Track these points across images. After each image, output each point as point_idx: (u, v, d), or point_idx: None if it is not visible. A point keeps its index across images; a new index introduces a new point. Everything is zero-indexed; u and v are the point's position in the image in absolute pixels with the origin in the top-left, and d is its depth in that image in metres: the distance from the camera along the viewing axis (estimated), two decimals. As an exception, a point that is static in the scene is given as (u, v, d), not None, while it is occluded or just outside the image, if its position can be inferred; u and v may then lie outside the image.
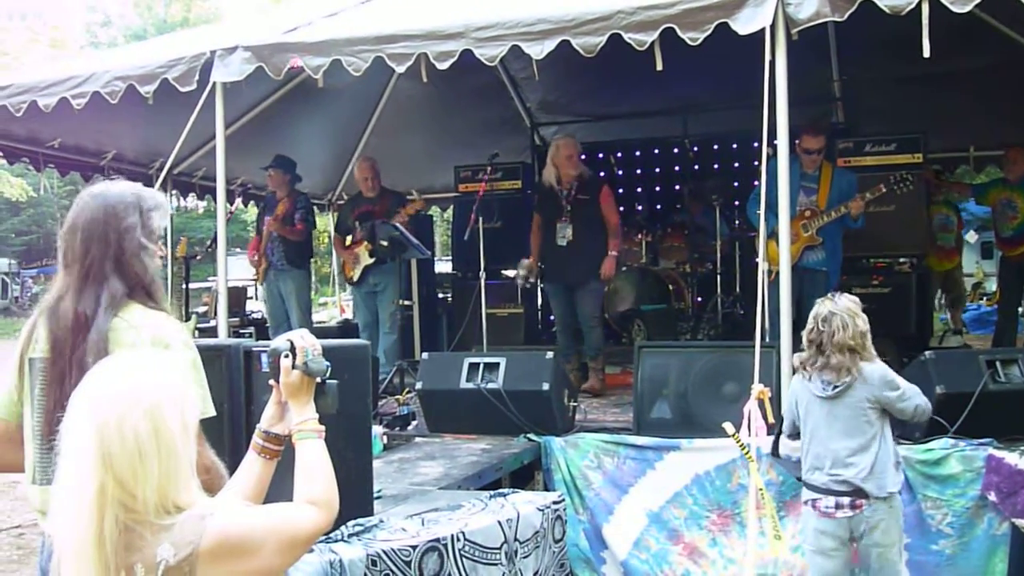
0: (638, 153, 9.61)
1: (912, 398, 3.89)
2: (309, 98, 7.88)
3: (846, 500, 3.79)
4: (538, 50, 5.03)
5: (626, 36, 4.84)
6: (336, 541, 3.15)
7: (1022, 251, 7.83)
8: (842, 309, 3.80)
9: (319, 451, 2.04)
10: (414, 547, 3.22)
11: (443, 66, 5.21)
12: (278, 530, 1.79)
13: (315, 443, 2.05)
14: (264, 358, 2.19)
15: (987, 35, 6.89)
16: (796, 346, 4.78)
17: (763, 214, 4.95)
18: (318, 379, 2.13)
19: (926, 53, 4.25)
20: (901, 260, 7.82)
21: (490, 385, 5.26)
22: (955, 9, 4.36)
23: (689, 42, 4.70)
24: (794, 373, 4.06)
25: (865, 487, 3.75)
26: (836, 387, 3.81)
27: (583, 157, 7.21)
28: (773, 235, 5.19)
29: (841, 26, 4.90)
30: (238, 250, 8.72)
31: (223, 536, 1.68)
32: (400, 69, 5.36)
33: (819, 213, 6.19)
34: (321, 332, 8.25)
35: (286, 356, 2.10)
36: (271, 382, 2.16)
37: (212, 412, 2.31)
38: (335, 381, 2.18)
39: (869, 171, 7.11)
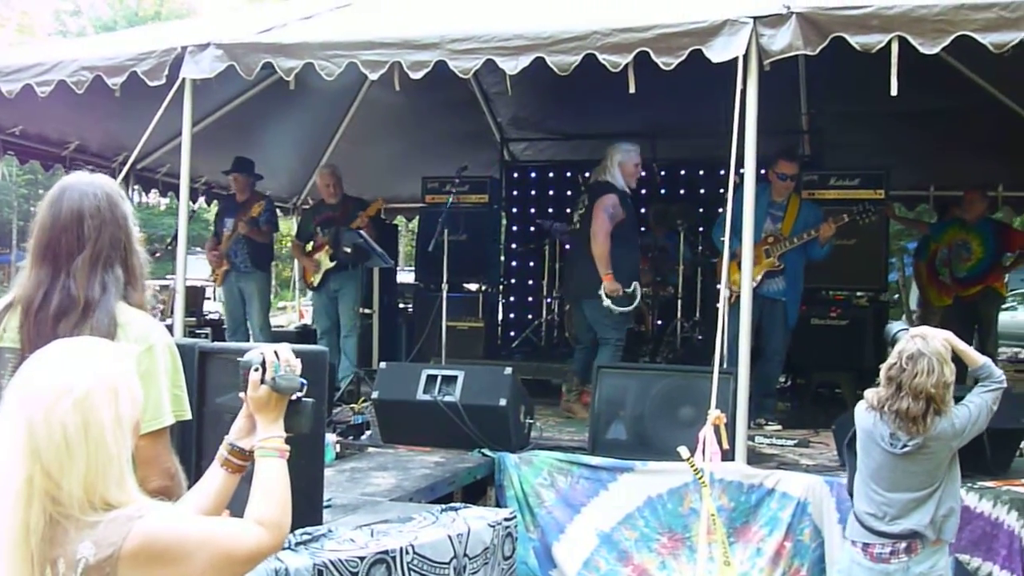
0: None
1: (980, 406, 3.64)
2: (279, 100, 7.78)
3: (902, 545, 3.61)
4: (512, 65, 5.04)
5: (601, 57, 4.86)
6: (283, 549, 3.09)
7: (975, 291, 7.97)
8: (932, 352, 3.47)
9: (278, 471, 1.96)
10: (362, 558, 3.18)
11: (417, 76, 5.20)
12: (214, 544, 1.70)
13: (275, 462, 1.97)
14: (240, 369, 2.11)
15: (952, 78, 7.01)
16: (753, 372, 4.92)
17: (727, 239, 4.97)
18: (291, 396, 2.06)
19: (894, 92, 4.32)
20: (859, 294, 7.90)
21: (447, 398, 5.23)
22: (924, 51, 4.46)
23: (663, 67, 4.73)
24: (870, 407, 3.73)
25: (926, 533, 3.59)
26: (905, 447, 3.57)
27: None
28: (735, 259, 5.16)
29: (811, 60, 4.93)
30: (198, 249, 8.63)
31: (149, 540, 1.60)
32: (373, 76, 5.35)
33: (782, 240, 6.24)
34: (279, 336, 8.36)
35: (255, 370, 2.03)
36: (241, 395, 2.09)
37: (188, 415, 2.25)
38: (311, 400, 2.11)
39: (832, 204, 7.14)
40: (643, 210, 8.99)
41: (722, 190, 7.83)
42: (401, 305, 9.66)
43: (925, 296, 8.68)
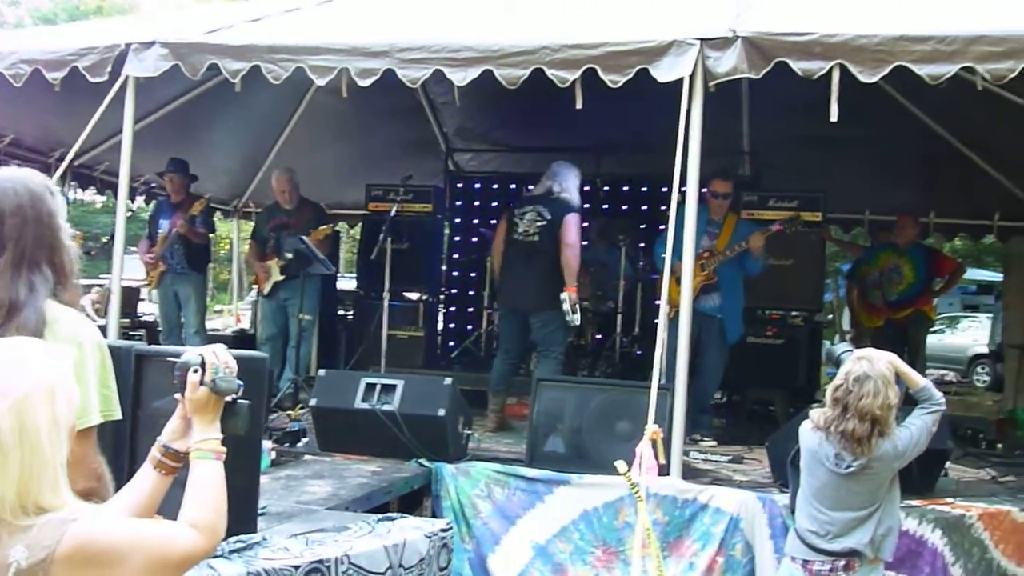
0: None
1: (920, 428, 3.72)
2: (222, 101, 7.67)
3: (841, 563, 3.68)
4: (461, 76, 5.05)
5: (549, 72, 4.90)
6: (216, 557, 3.04)
7: (906, 314, 8.17)
8: (878, 374, 3.53)
9: (214, 473, 1.94)
10: (296, 567, 3.14)
11: (365, 83, 5.19)
12: (148, 547, 1.68)
13: (211, 464, 1.96)
14: (176, 370, 2.09)
15: (889, 106, 7.17)
16: (690, 388, 4.97)
17: (669, 256, 5.04)
18: (228, 398, 2.05)
19: (833, 118, 4.41)
20: (794, 314, 7.99)
21: (386, 407, 5.19)
22: (863, 79, 4.57)
23: (610, 84, 4.79)
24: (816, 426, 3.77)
25: (865, 551, 3.66)
26: (850, 467, 3.63)
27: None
28: (674, 275, 5.20)
29: (754, 83, 4.99)
30: (133, 249, 8.53)
31: (82, 544, 1.57)
32: (320, 82, 5.32)
33: (716, 254, 6.33)
34: (215, 340, 8.16)
35: (195, 371, 2.02)
36: (176, 396, 2.07)
37: (117, 415, 2.20)
38: (247, 402, 2.10)
39: (768, 224, 7.30)
40: (585, 225, 9.03)
41: (664, 207, 8.11)
42: (340, 312, 9.56)
43: (856, 317, 8.85)
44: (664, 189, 8.51)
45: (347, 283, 10.50)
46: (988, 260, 18.11)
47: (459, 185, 9.84)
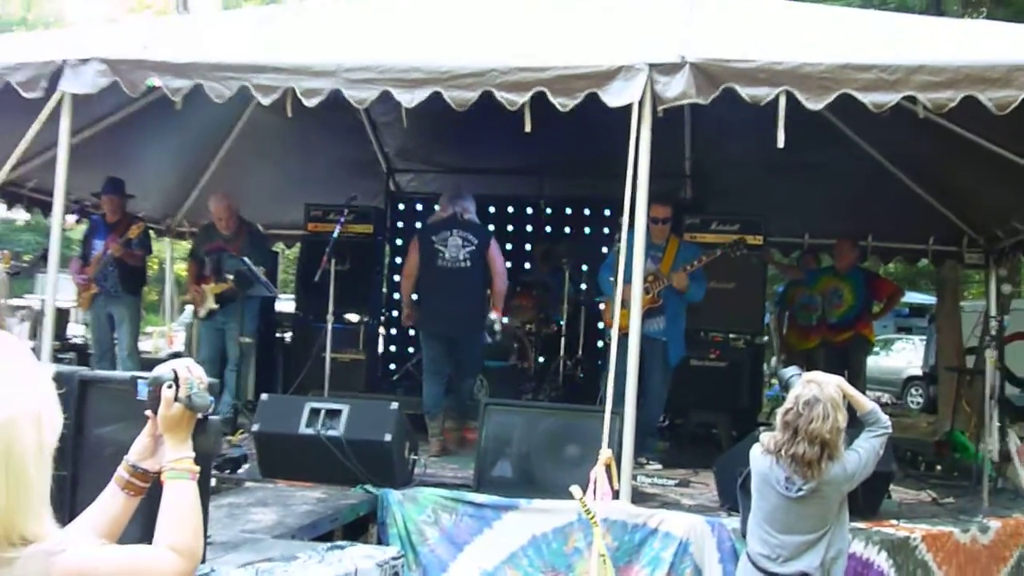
0: (492, 209, 9.33)
1: (868, 451, 3.75)
2: (158, 117, 7.41)
3: None
4: (409, 98, 5.01)
5: (498, 94, 4.88)
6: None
7: (846, 337, 8.28)
8: (827, 398, 3.55)
9: (190, 494, 1.87)
10: (246, 600, 3.05)
11: (310, 103, 5.11)
12: (132, 574, 1.64)
13: (187, 485, 1.88)
14: (142, 386, 1.99)
15: (830, 133, 7.26)
16: (641, 411, 4.96)
17: (619, 280, 5.03)
18: (199, 415, 1.98)
19: (780, 144, 4.47)
20: (736, 336, 8.02)
21: (331, 432, 5.11)
22: (809, 106, 4.64)
23: (559, 107, 4.77)
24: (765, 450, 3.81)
25: (815, 574, 3.67)
26: (800, 491, 3.64)
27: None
28: (623, 302, 5.30)
29: (696, 107, 5.02)
30: (64, 269, 8.21)
31: None
32: (265, 101, 5.23)
33: (661, 277, 6.39)
34: (149, 363, 7.97)
35: (169, 386, 1.93)
36: (148, 412, 1.97)
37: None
38: (218, 417, 2.04)
39: (711, 247, 7.37)
40: (528, 247, 9.28)
41: (606, 229, 8.53)
42: (279, 335, 9.37)
43: (785, 341, 8.97)
44: (607, 212, 8.83)
45: (284, 305, 10.28)
46: (923, 283, 18.51)
47: (400, 206, 9.74)
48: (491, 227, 9.33)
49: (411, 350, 9.39)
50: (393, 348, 9.67)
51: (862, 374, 8.42)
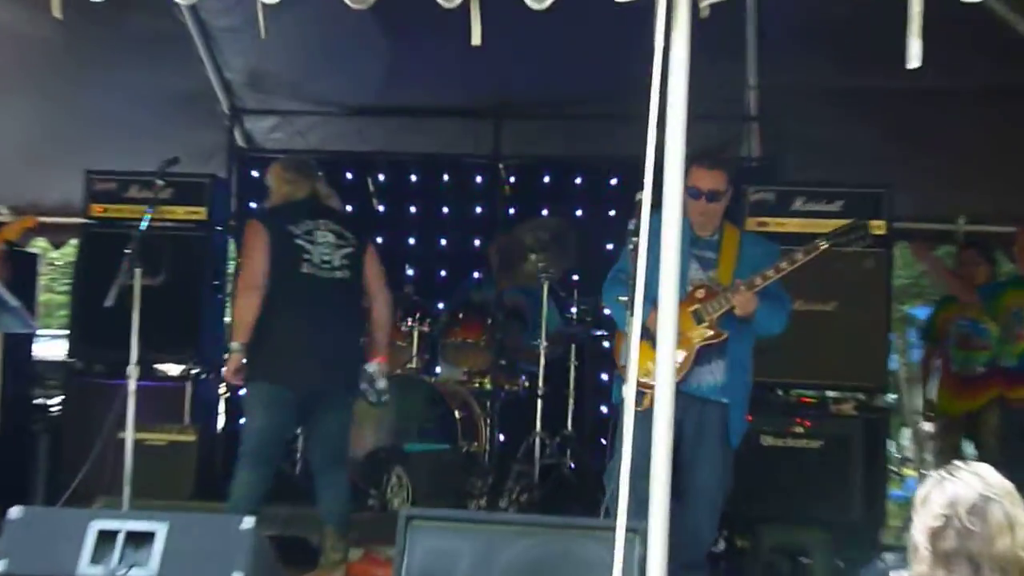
0: (414, 178, 7.05)
1: None
2: None
3: None
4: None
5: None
6: None
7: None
8: (1001, 492, 2.39)
9: None
10: None
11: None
12: None
13: None
14: None
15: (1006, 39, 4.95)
16: (679, 527, 3.69)
17: (637, 299, 3.17)
18: None
19: (913, 62, 2.93)
20: (841, 395, 5.74)
21: (136, 572, 3.93)
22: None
23: (531, 3, 3.30)
24: None
25: None
26: None
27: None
28: (645, 335, 3.46)
29: (765, 7, 4.78)
30: None
31: None
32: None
33: (716, 294, 4.55)
34: None
35: None
36: None
37: None
38: None
39: (796, 241, 4.90)
40: (476, 242, 7.23)
41: (613, 211, 6.67)
42: (40, 401, 6.87)
43: (933, 402, 6.43)
44: (613, 181, 6.74)
45: (49, 347, 7.76)
46: None
47: (253, 173, 7.09)
48: (412, 209, 7.39)
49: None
50: (243, 420, 6.66)
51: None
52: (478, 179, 7.14)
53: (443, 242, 7.28)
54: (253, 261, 4.97)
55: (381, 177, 7.14)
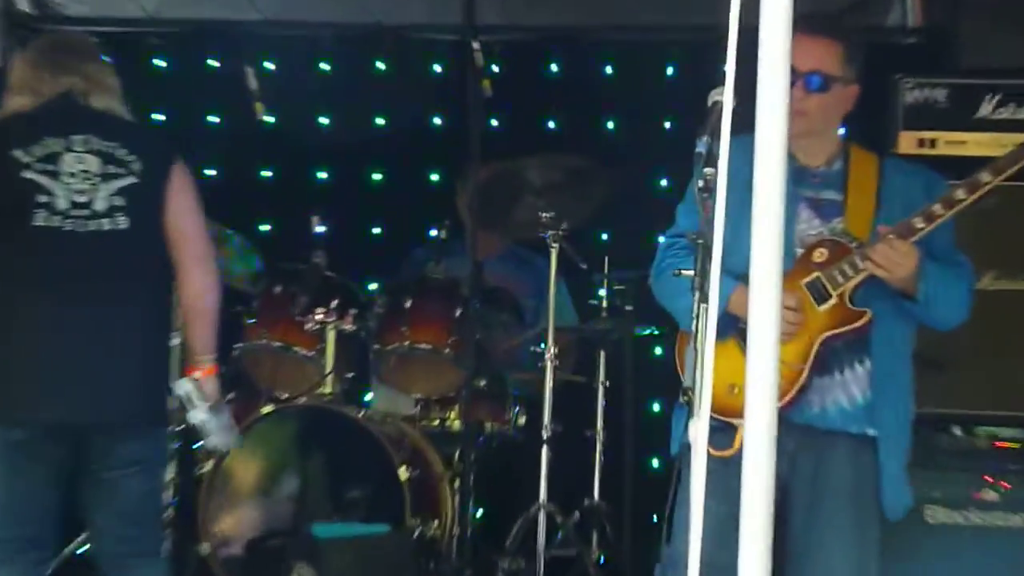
0: (326, 65, 4.83)
1: None
2: None
3: None
4: None
5: None
6: None
7: None
8: None
9: None
10: None
11: None
12: None
13: None
14: None
15: None
16: None
17: (713, 273, 1.90)
18: None
19: None
20: None
21: None
22: None
23: None
24: None
25: None
26: None
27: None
28: (729, 330, 2.62)
29: None
30: None
31: None
32: None
33: (854, 251, 2.97)
34: None
35: None
36: None
37: None
38: None
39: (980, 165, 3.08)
40: (434, 177, 5.24)
41: (668, 124, 4.93)
42: None
43: None
44: (669, 71, 4.95)
45: None
46: None
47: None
48: (323, 122, 5.25)
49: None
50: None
51: None
52: (436, 67, 4.85)
53: (377, 176, 5.01)
54: None
55: (269, 65, 4.83)
